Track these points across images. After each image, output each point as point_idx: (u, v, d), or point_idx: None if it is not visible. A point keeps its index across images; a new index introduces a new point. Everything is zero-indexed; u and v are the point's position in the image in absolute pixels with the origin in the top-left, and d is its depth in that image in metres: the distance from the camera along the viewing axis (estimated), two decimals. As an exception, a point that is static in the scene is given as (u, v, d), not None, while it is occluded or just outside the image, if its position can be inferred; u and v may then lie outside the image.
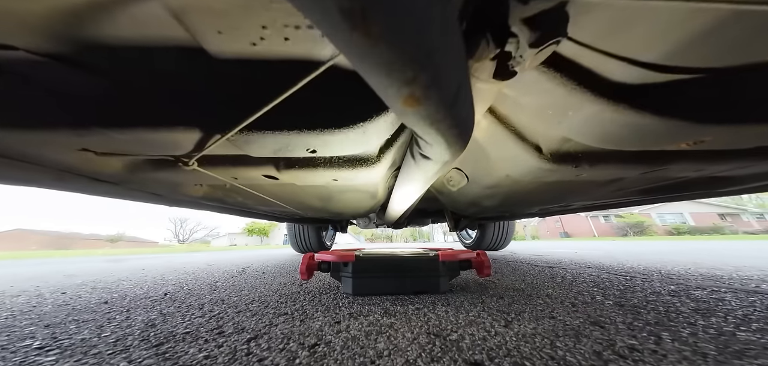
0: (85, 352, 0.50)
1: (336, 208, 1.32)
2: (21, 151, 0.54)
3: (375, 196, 1.09)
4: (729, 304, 0.73)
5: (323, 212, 1.46)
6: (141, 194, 0.95)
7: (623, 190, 0.97)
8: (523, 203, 1.22)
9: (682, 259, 1.91)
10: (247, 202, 1.17)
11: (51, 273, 1.87)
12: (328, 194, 1.00)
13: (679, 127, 0.46)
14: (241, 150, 0.57)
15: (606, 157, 0.65)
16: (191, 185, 0.89)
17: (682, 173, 0.75)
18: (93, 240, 41.53)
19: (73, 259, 3.77)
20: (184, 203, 1.18)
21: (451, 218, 1.99)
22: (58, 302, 0.92)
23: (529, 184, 0.86)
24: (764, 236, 12.76)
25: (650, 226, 26.45)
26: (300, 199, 1.09)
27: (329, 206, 1.24)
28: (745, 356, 0.43)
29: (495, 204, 1.24)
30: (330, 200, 1.11)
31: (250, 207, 1.30)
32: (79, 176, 0.69)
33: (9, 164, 0.58)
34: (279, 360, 0.45)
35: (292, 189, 0.92)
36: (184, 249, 9.66)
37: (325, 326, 0.60)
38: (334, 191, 0.96)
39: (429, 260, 0.90)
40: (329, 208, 1.31)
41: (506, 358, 0.43)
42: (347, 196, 1.03)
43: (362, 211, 1.50)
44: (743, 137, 0.51)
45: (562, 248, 3.81)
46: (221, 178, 0.74)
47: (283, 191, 0.97)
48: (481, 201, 1.22)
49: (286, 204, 1.20)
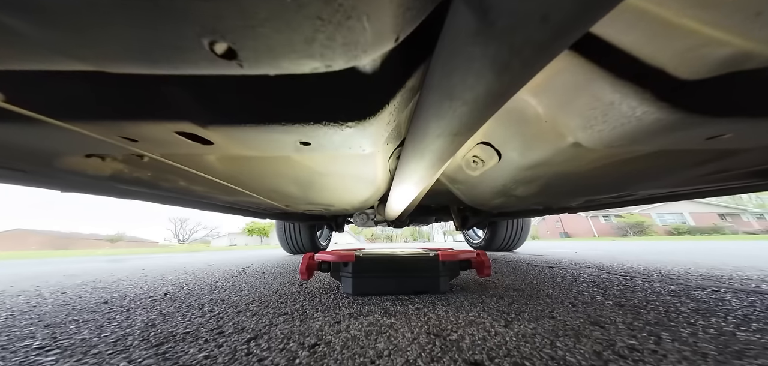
0: (85, 352, 0.50)
1: (322, 199, 1.05)
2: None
3: (373, 183, 0.87)
4: (729, 304, 0.73)
5: (307, 203, 1.16)
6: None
7: (727, 173, 0.71)
8: (572, 190, 0.91)
9: (682, 259, 1.90)
10: (194, 189, 0.88)
11: (51, 273, 1.87)
12: (308, 178, 0.79)
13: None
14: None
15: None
16: (75, 154, 0.60)
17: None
18: (93, 240, 41.54)
19: (73, 259, 3.77)
20: (86, 187, 0.81)
21: (458, 216, 1.76)
22: (58, 302, 0.92)
23: (601, 159, 0.63)
24: (764, 236, 12.77)
25: (650, 226, 26.47)
26: (267, 182, 0.84)
27: (312, 195, 0.99)
28: (745, 356, 0.43)
29: (531, 192, 0.96)
30: (311, 187, 0.88)
31: (205, 197, 1.02)
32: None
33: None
34: (279, 360, 0.45)
35: (249, 167, 0.70)
36: (184, 249, 9.67)
37: (325, 326, 0.60)
38: (314, 174, 0.75)
39: (429, 260, 0.90)
40: (313, 198, 1.04)
41: (506, 358, 0.43)
42: (334, 181, 0.82)
43: (357, 204, 1.21)
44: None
45: (562, 248, 3.81)
46: (107, 139, 0.49)
47: (236, 170, 0.72)
48: (513, 189, 0.94)
49: (251, 190, 0.92)
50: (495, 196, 1.06)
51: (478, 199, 1.21)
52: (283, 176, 0.79)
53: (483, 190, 1.03)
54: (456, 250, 0.96)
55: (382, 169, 0.79)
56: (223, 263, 2.30)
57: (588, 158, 0.63)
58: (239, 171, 0.74)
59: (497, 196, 1.05)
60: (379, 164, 0.71)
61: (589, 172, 0.73)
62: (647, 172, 0.72)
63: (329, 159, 0.64)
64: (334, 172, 0.74)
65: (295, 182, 0.83)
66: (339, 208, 1.36)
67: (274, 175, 0.78)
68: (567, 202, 1.22)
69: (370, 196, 1.07)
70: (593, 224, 28.98)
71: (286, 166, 0.71)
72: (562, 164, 0.70)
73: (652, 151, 0.57)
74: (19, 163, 0.62)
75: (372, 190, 0.97)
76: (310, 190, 0.92)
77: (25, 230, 40.05)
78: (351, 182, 0.85)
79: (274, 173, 0.76)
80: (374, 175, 0.80)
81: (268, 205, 1.20)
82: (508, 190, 0.96)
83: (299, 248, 2.87)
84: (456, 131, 0.37)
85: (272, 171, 0.74)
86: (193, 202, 1.17)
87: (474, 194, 1.15)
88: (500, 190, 0.98)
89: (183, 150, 0.57)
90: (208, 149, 0.56)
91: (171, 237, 58.07)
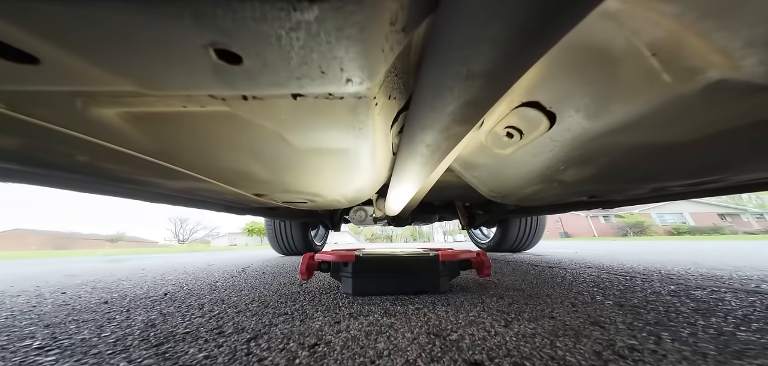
0: (85, 352, 0.50)
1: (303, 186, 0.80)
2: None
3: (371, 163, 0.65)
4: (729, 304, 0.73)
5: (285, 192, 0.88)
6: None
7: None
8: (649, 173, 0.67)
9: (682, 259, 1.90)
10: (108, 167, 0.64)
11: (51, 273, 1.87)
12: (275, 153, 0.57)
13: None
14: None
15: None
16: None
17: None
18: (93, 240, 41.55)
19: (73, 259, 3.77)
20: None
21: (464, 214, 1.58)
22: (58, 302, 0.92)
23: (729, 118, 0.42)
24: (764, 236, 12.78)
25: (650, 226, 26.49)
26: (215, 158, 0.60)
27: (289, 180, 0.74)
28: (745, 356, 0.43)
29: (584, 176, 0.71)
30: (284, 167, 0.64)
31: (136, 182, 0.76)
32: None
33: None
34: (279, 360, 0.45)
35: (175, 131, 0.48)
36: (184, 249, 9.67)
37: (325, 326, 0.60)
38: (281, 144, 0.53)
39: (429, 260, 0.90)
40: (292, 184, 0.79)
41: (506, 358, 0.43)
42: (315, 159, 0.60)
43: (351, 194, 0.95)
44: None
45: (562, 248, 3.81)
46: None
47: (157, 137, 0.50)
48: (560, 172, 0.70)
49: (195, 170, 0.67)
50: (530, 182, 0.78)
51: (501, 189, 0.90)
52: (236, 148, 0.54)
53: (513, 174, 0.76)
54: (456, 250, 0.96)
55: (382, 139, 0.55)
56: (223, 263, 2.30)
57: (714, 115, 0.42)
58: (162, 137, 0.50)
59: (533, 182, 0.77)
60: (378, 129, 0.49)
61: (697, 141, 0.48)
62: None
63: (297, 113, 0.42)
64: (312, 138, 0.50)
65: (257, 159, 0.59)
66: (329, 200, 1.04)
67: (221, 146, 0.54)
68: (626, 191, 0.86)
69: (367, 182, 0.81)
70: (593, 224, 29.00)
71: (233, 129, 0.47)
72: (663, 127, 0.46)
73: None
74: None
75: (369, 175, 0.73)
76: (285, 172, 0.68)
77: (25, 230, 40.08)
78: (340, 161, 0.61)
79: (218, 142, 0.52)
80: (371, 151, 0.56)
81: (235, 194, 0.91)
82: (552, 173, 0.69)
83: (291, 249, 2.68)
84: (498, 67, 0.25)
85: (214, 138, 0.50)
86: (121, 189, 0.86)
87: (497, 182, 0.86)
88: (540, 174, 0.71)
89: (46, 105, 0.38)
90: (99, 104, 0.39)
91: (171, 237, 58.17)
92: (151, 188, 0.87)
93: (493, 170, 0.80)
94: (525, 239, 2.54)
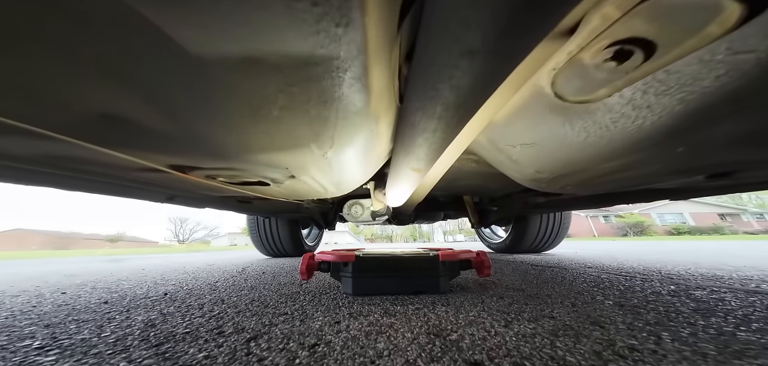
0: (85, 352, 0.50)
1: (234, 144, 0.48)
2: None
3: (363, 118, 0.41)
4: (729, 304, 0.73)
5: (247, 163, 0.58)
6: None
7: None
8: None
9: (682, 259, 1.90)
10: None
11: (51, 273, 1.87)
12: (162, 72, 0.29)
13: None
14: None
15: None
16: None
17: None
18: (93, 240, 41.54)
19: (73, 259, 3.77)
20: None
21: (474, 210, 1.36)
22: (58, 302, 0.92)
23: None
24: (764, 236, 12.77)
25: (650, 226, 26.47)
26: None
27: (198, 128, 0.42)
28: (745, 356, 0.43)
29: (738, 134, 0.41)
30: (174, 98, 0.34)
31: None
32: None
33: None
34: (279, 360, 0.45)
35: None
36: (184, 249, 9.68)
37: (325, 326, 0.60)
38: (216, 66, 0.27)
39: (429, 260, 0.90)
40: (210, 141, 0.46)
41: (506, 358, 0.43)
42: (248, 87, 0.32)
43: (335, 176, 0.69)
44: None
45: (562, 248, 3.81)
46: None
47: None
48: (691, 133, 0.42)
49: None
50: (624, 151, 0.49)
51: (558, 166, 0.60)
52: (84, 63, 0.28)
53: (593, 140, 0.47)
54: (456, 250, 0.96)
55: (380, 56, 0.30)
56: (223, 263, 2.30)
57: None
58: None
59: (630, 150, 0.48)
60: (372, 31, 0.26)
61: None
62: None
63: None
64: (234, 32, 0.25)
65: (125, 83, 0.31)
66: (305, 186, 0.75)
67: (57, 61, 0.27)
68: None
69: (359, 148, 0.54)
70: (593, 224, 28.98)
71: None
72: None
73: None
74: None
75: (363, 135, 0.48)
76: (189, 110, 0.38)
77: (25, 230, 40.04)
78: (300, 95, 0.34)
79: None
80: (361, 77, 0.32)
81: (137, 166, 0.58)
82: (676, 134, 0.42)
83: (278, 250, 2.39)
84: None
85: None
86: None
87: (555, 155, 0.56)
88: (650, 136, 0.43)
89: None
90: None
91: (171, 237, 58.12)
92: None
93: (550, 137, 0.50)
94: (546, 238, 2.16)
